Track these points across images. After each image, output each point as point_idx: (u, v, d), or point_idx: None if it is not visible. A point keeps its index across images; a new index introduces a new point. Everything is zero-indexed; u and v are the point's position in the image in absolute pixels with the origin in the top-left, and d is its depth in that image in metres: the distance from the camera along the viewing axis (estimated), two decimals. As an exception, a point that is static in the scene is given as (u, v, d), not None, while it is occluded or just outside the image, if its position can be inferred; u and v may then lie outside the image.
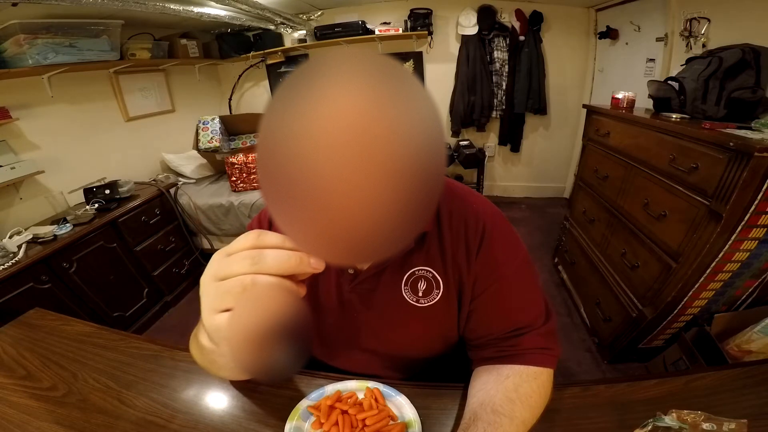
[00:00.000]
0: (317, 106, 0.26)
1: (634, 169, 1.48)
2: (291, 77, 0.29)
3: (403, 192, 0.27)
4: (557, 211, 3.09)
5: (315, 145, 0.25)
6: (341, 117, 0.25)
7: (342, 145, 0.25)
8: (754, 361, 0.72)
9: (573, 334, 1.80)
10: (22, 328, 0.86)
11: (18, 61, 1.69)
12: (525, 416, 0.50)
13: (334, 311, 0.63)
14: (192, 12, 1.98)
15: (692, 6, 1.78)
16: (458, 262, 0.57)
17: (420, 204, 0.30)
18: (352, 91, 0.26)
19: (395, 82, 0.28)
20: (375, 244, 0.31)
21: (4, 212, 1.73)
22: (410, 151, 0.27)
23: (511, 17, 2.85)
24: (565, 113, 3.16)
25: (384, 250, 0.32)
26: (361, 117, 0.25)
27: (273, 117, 0.28)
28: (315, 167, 0.26)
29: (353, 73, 0.27)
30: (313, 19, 2.96)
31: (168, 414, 0.62)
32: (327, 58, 0.28)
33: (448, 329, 0.62)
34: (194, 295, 2.35)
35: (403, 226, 0.30)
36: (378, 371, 0.68)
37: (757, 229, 1.05)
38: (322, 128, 0.25)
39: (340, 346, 0.68)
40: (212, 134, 2.81)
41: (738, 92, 1.22)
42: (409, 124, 0.27)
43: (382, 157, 0.26)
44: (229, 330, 0.32)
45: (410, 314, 0.59)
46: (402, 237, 0.32)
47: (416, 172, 0.27)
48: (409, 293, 0.58)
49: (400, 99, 0.27)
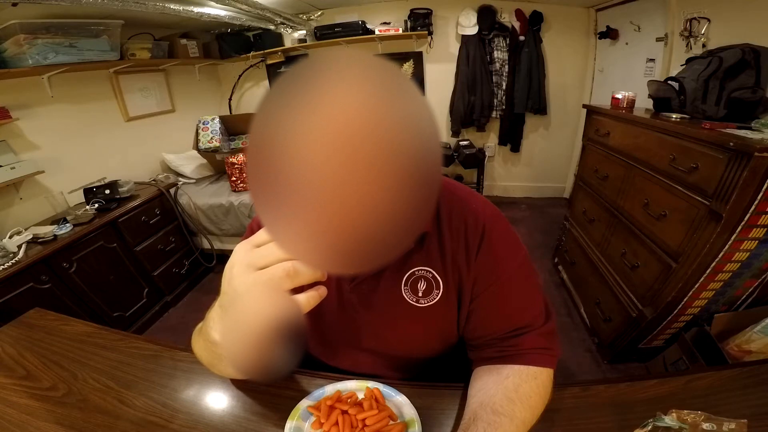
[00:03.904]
0: (310, 108, 0.25)
1: (634, 169, 1.48)
2: (282, 79, 0.28)
3: (400, 193, 0.27)
4: (557, 211, 3.09)
5: (308, 148, 0.25)
6: (335, 118, 0.25)
7: (336, 147, 0.25)
8: (754, 361, 0.72)
9: (573, 334, 1.80)
10: (22, 328, 0.86)
11: (18, 61, 1.69)
12: (525, 416, 0.50)
13: (334, 311, 0.63)
14: (192, 12, 1.98)
15: (692, 6, 1.78)
16: (458, 262, 0.57)
17: (417, 205, 0.29)
18: (346, 92, 0.25)
19: (388, 82, 0.27)
20: (372, 249, 0.30)
21: (4, 212, 1.73)
22: (405, 152, 0.26)
23: (511, 17, 2.85)
24: (565, 113, 3.15)
25: (382, 255, 0.32)
26: (354, 118, 0.25)
27: (264, 119, 0.27)
28: (308, 170, 0.25)
29: (346, 74, 0.27)
30: (313, 19, 2.96)
31: (168, 414, 0.62)
32: (319, 60, 0.28)
33: (448, 329, 0.62)
34: (194, 295, 2.35)
35: (401, 229, 0.30)
36: (378, 371, 0.67)
37: (757, 229, 1.05)
38: (316, 130, 0.25)
39: (340, 346, 0.68)
40: (212, 134, 2.81)
41: (738, 92, 1.22)
42: (403, 125, 0.26)
43: (377, 158, 0.25)
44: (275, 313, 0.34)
45: (410, 314, 0.59)
46: (400, 241, 0.32)
47: (412, 173, 0.27)
48: (408, 293, 0.58)
49: (394, 99, 0.27)
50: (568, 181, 3.38)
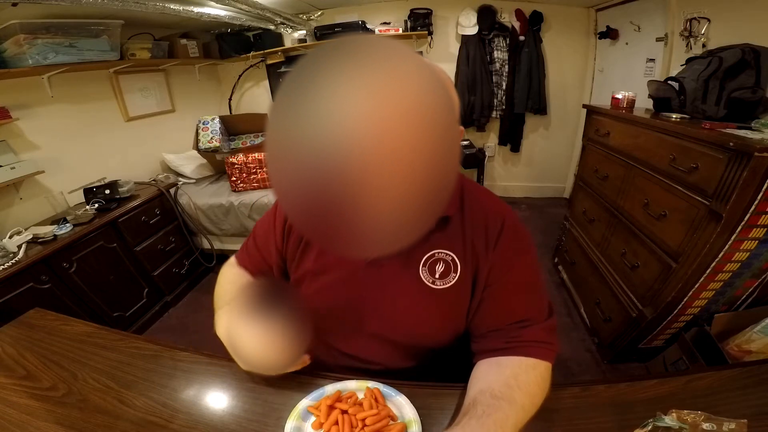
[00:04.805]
0: (333, 93, 0.26)
1: (634, 169, 1.48)
2: (303, 64, 0.29)
3: (420, 174, 0.28)
4: (557, 211, 3.09)
5: (333, 134, 0.26)
6: (358, 102, 0.26)
7: (361, 129, 0.26)
8: (754, 361, 0.72)
9: (573, 334, 1.80)
10: (22, 328, 0.86)
11: (18, 61, 1.69)
12: (524, 402, 0.51)
13: (342, 292, 0.64)
14: (192, 12, 1.98)
15: (692, 6, 1.78)
16: (477, 249, 0.58)
17: (439, 186, 0.31)
18: (368, 77, 0.26)
19: (409, 65, 0.29)
20: (391, 231, 0.31)
21: (4, 212, 1.73)
22: (426, 133, 0.27)
23: (511, 17, 2.85)
24: (565, 113, 3.15)
25: (404, 236, 0.33)
26: (377, 103, 0.26)
27: (286, 106, 0.28)
28: (333, 154, 0.26)
29: (368, 59, 0.27)
30: (313, 19, 2.96)
31: (168, 414, 0.62)
32: (340, 45, 0.29)
33: (458, 315, 0.62)
34: (194, 295, 2.35)
35: (423, 210, 0.31)
36: (378, 358, 0.67)
37: (757, 229, 1.05)
38: (340, 116, 0.26)
39: (346, 329, 0.67)
40: (212, 134, 2.81)
41: (738, 92, 1.22)
42: (423, 105, 0.28)
43: (399, 139, 0.26)
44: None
45: (425, 296, 0.60)
46: (422, 222, 0.33)
47: (432, 155, 0.28)
48: (426, 274, 0.59)
49: (414, 81, 0.28)
50: (568, 181, 3.38)
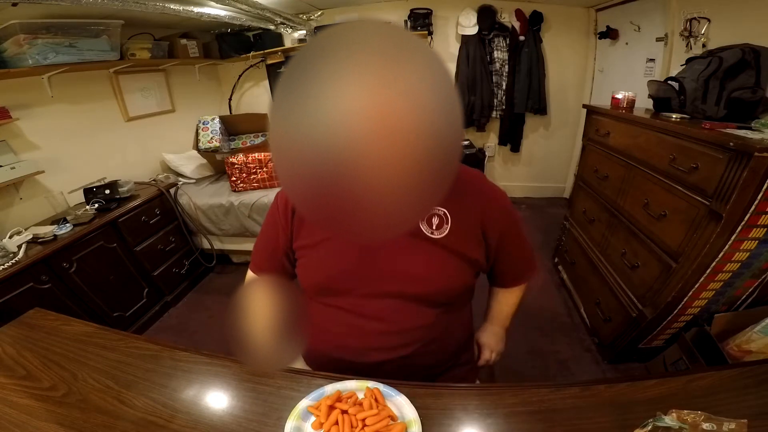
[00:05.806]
0: (338, 80, 0.27)
1: (634, 169, 1.48)
2: (306, 50, 0.30)
3: (425, 156, 0.29)
4: (557, 211, 3.09)
5: (338, 119, 0.26)
6: (362, 89, 0.26)
7: (366, 115, 0.26)
8: (754, 361, 0.72)
9: (573, 334, 1.80)
10: (22, 328, 0.86)
11: (18, 61, 1.69)
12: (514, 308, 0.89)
13: (353, 253, 0.67)
14: (192, 12, 1.98)
15: (692, 6, 1.78)
16: (473, 210, 0.70)
17: (442, 165, 0.32)
18: (372, 62, 0.27)
19: (411, 51, 0.29)
20: (398, 213, 0.33)
21: (4, 212, 1.73)
22: (428, 120, 0.28)
23: (511, 17, 2.85)
24: (565, 113, 3.15)
25: (408, 218, 0.35)
26: (381, 88, 0.26)
27: (290, 94, 0.29)
28: (339, 138, 0.27)
29: (371, 45, 0.28)
30: (313, 19, 2.96)
31: (168, 414, 0.62)
32: (343, 31, 0.29)
33: (463, 262, 0.70)
34: (194, 295, 2.35)
35: (427, 189, 0.33)
36: (396, 316, 0.69)
37: (757, 229, 1.05)
38: (345, 102, 0.26)
39: (361, 290, 0.69)
40: (212, 134, 2.81)
41: (738, 92, 1.22)
42: (425, 91, 0.28)
43: (403, 127, 0.27)
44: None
45: (428, 244, 0.68)
46: (427, 203, 0.35)
47: (434, 142, 0.29)
48: (425, 225, 0.68)
49: (416, 67, 0.29)
50: (568, 181, 3.38)
